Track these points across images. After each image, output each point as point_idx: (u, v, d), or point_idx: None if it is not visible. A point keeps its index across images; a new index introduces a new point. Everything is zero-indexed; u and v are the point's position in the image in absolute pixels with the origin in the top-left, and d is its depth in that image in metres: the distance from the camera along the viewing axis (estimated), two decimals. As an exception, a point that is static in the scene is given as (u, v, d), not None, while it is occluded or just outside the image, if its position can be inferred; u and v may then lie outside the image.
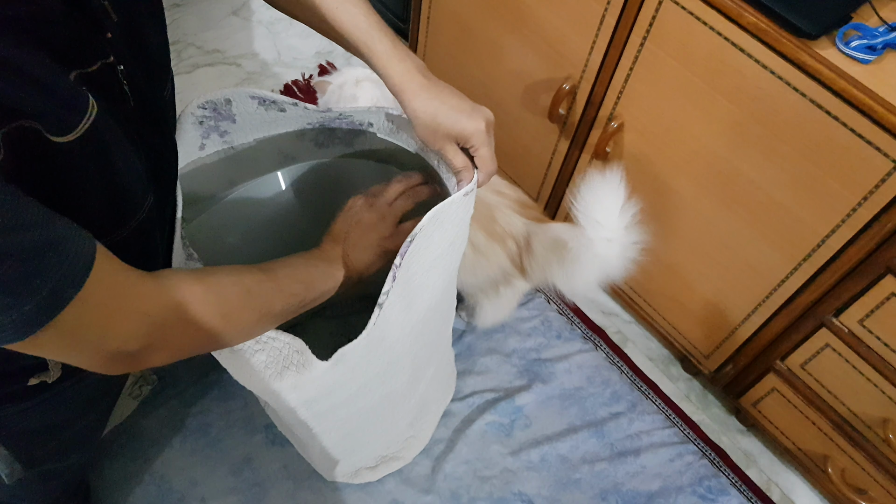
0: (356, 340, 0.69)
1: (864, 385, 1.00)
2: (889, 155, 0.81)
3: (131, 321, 0.52)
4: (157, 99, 0.68)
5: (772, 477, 1.26)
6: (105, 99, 0.53)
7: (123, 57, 0.58)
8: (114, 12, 0.56)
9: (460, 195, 0.70)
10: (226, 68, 1.70)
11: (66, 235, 0.45)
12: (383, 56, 0.70)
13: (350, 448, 0.95)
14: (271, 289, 0.66)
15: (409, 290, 0.72)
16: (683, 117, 1.01)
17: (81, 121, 0.49)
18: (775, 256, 1.00)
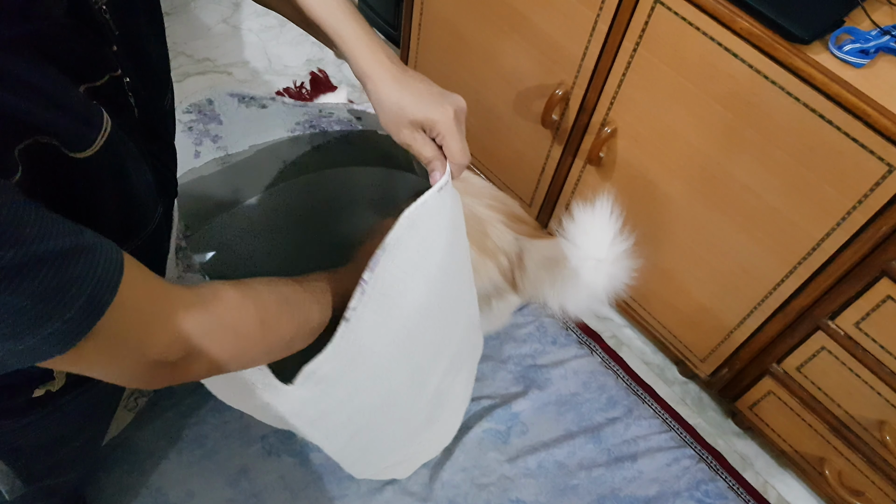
0: (320, 357, 0.66)
1: (860, 388, 1.01)
2: (883, 158, 0.81)
3: (169, 327, 0.51)
4: (159, 109, 0.68)
5: (768, 480, 1.26)
6: (114, 111, 0.53)
7: (127, 69, 0.58)
8: (115, 26, 0.56)
9: (433, 192, 0.66)
10: (217, 77, 1.70)
11: (94, 243, 0.45)
12: (351, 41, 0.67)
13: (364, 447, 0.93)
14: (308, 299, 0.65)
15: (386, 300, 0.69)
16: (677, 122, 1.01)
17: (98, 136, 0.49)
18: (770, 260, 1.00)
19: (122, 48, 0.57)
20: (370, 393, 0.80)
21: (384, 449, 1.00)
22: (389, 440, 0.99)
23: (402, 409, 0.93)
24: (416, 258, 0.70)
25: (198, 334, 0.53)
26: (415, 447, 1.06)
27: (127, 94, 0.58)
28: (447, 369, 0.98)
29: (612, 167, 1.16)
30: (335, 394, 0.75)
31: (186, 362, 0.54)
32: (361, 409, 0.82)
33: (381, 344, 0.74)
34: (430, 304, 0.80)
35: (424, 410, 0.99)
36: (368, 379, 0.77)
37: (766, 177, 0.94)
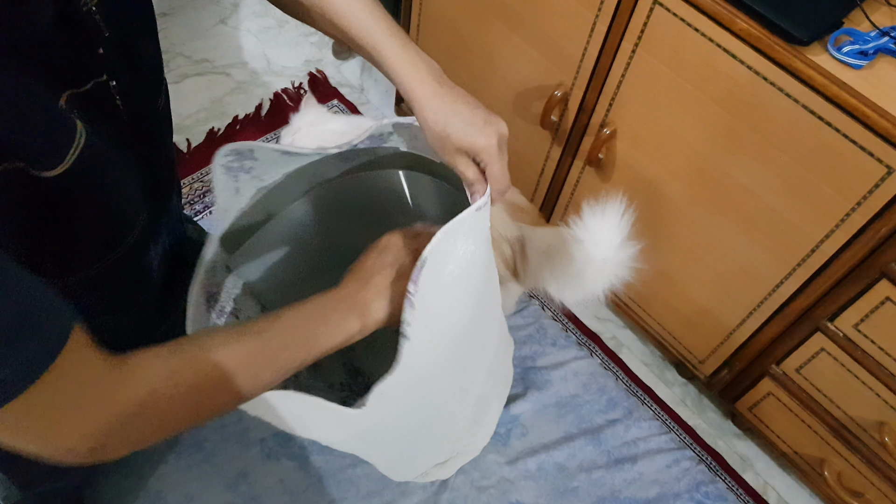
0: (389, 378, 0.65)
1: (859, 389, 1.00)
2: (882, 160, 0.81)
3: (86, 423, 0.47)
4: (151, 111, 0.67)
5: (768, 481, 1.26)
6: (98, 117, 0.53)
7: (116, 72, 0.58)
8: (106, 27, 0.56)
9: (472, 211, 0.67)
10: (215, 78, 1.69)
11: (36, 319, 0.42)
12: (392, 60, 0.67)
13: (412, 455, 0.94)
14: (261, 363, 0.60)
15: (430, 315, 0.69)
16: (676, 124, 1.01)
17: (68, 153, 0.48)
18: (769, 261, 1.00)
19: (111, 50, 0.57)
20: (423, 406, 0.80)
21: (430, 454, 1.01)
22: (436, 446, 1.00)
23: (449, 417, 0.93)
24: (456, 271, 0.70)
25: (117, 427, 0.50)
26: (459, 448, 1.07)
27: (114, 99, 0.58)
28: (488, 374, 0.99)
29: (611, 168, 1.16)
30: (393, 412, 0.74)
31: (102, 451, 0.50)
32: (414, 424, 0.82)
33: (432, 356, 0.73)
34: (472, 315, 0.80)
35: (469, 415, 1.00)
36: (422, 393, 0.77)
37: (766, 178, 0.94)
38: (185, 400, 0.54)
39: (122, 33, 0.58)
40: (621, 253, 0.89)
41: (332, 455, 1.11)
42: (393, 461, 0.91)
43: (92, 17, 0.54)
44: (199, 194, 1.45)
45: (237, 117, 1.61)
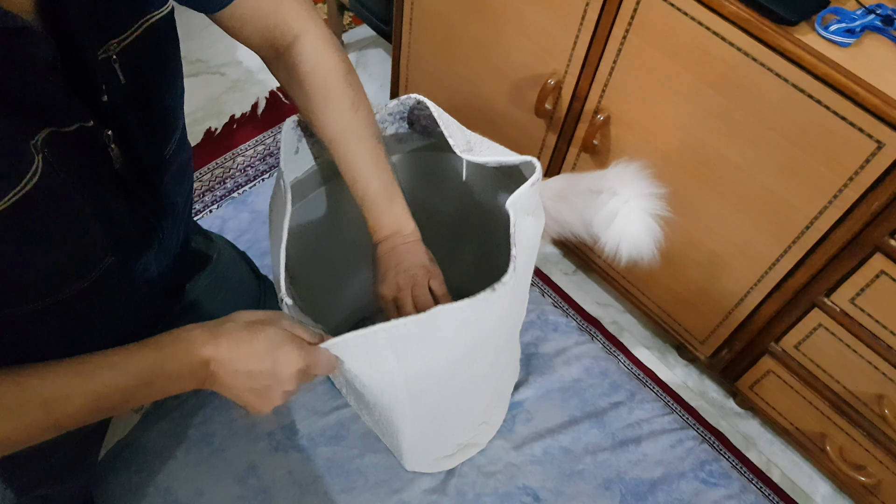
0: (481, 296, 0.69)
1: (858, 363, 1.02)
2: (872, 136, 0.82)
3: None
4: (155, 159, 0.68)
5: (771, 458, 1.28)
6: (77, 160, 0.53)
7: (119, 119, 0.58)
8: (123, 74, 0.57)
9: (527, 187, 0.74)
10: (210, 78, 1.70)
11: None
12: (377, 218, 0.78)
13: (434, 434, 0.96)
14: (36, 404, 0.54)
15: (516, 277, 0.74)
16: (669, 108, 1.02)
17: (7, 194, 0.48)
18: (765, 240, 1.01)
19: (122, 97, 0.57)
20: (462, 375, 0.83)
21: (449, 436, 1.03)
22: (456, 427, 1.03)
23: (475, 394, 0.96)
24: (529, 238, 0.77)
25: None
26: (468, 440, 1.09)
27: (104, 144, 0.58)
28: (508, 361, 1.03)
29: (606, 154, 1.17)
30: (442, 366, 0.77)
31: None
32: (451, 392, 0.86)
33: (492, 318, 0.76)
34: (523, 285, 0.85)
35: (487, 400, 1.03)
36: (466, 356, 0.79)
37: (759, 158, 0.95)
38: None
39: (140, 81, 0.59)
40: (642, 198, 0.91)
41: (339, 446, 1.12)
42: (418, 439, 0.93)
43: (110, 64, 0.55)
44: (198, 194, 1.46)
45: (234, 116, 1.61)
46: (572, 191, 0.95)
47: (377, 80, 1.73)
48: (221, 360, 0.60)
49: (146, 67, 0.60)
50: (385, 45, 1.82)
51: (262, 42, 0.73)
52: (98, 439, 0.95)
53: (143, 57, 0.59)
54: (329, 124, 0.74)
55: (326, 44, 0.73)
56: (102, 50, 0.55)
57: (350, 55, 1.79)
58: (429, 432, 0.93)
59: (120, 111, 0.58)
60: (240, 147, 1.56)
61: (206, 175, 1.50)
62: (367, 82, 1.73)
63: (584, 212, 0.93)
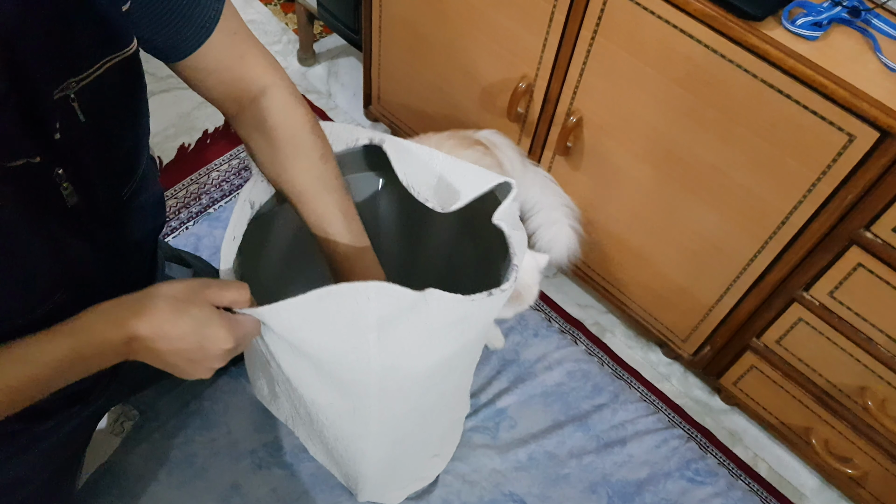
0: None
1: (839, 356, 1.02)
2: (843, 128, 0.82)
3: None
4: (113, 199, 0.67)
5: (758, 453, 1.27)
6: (23, 195, 0.53)
7: (74, 158, 0.57)
8: (83, 113, 0.56)
9: (509, 202, 0.75)
10: (181, 93, 1.68)
11: None
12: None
13: (393, 459, 0.94)
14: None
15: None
16: (640, 107, 1.01)
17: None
18: (741, 237, 1.01)
19: (80, 136, 0.56)
20: (433, 390, 0.82)
21: (407, 462, 1.01)
22: (415, 454, 1.00)
23: (439, 416, 0.94)
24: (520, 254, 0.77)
25: None
26: (423, 469, 1.07)
27: (57, 184, 0.57)
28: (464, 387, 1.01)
29: (580, 156, 1.16)
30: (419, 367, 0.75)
31: None
32: (418, 409, 0.84)
33: (477, 326, 0.75)
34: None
35: (445, 425, 1.02)
36: (444, 365, 0.78)
37: (732, 155, 0.95)
38: None
39: (101, 120, 0.58)
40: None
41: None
42: (379, 461, 0.90)
43: (68, 102, 0.54)
44: (173, 211, 1.44)
45: (207, 131, 1.59)
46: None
47: (349, 90, 1.72)
48: (144, 338, 0.58)
49: (108, 107, 0.59)
50: (357, 53, 1.81)
51: (226, 95, 0.70)
52: (74, 469, 0.93)
53: (105, 97, 0.58)
54: (298, 176, 0.72)
55: (293, 97, 0.72)
56: (60, 88, 0.54)
57: (321, 64, 1.78)
58: (389, 456, 0.91)
59: (75, 150, 0.57)
60: (214, 162, 1.54)
61: (181, 192, 1.48)
62: (340, 92, 1.72)
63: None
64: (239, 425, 1.11)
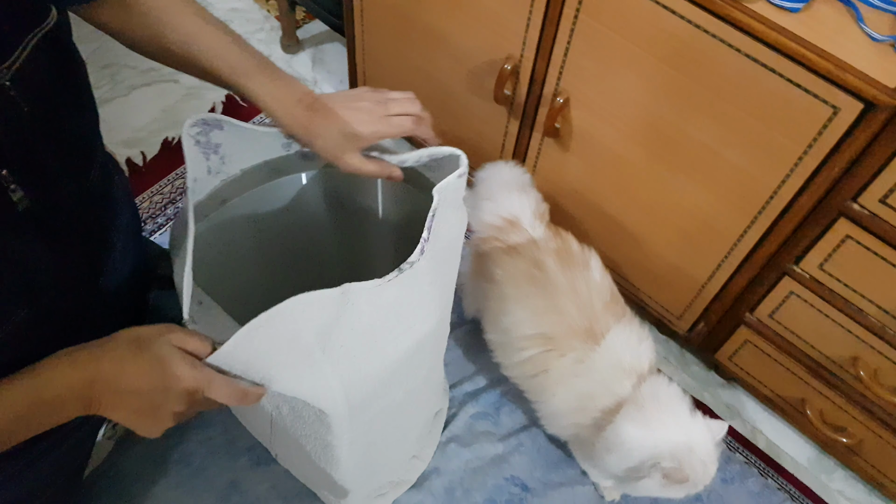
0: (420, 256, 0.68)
1: (831, 327, 1.02)
2: (827, 101, 0.81)
3: None
4: (77, 193, 0.63)
5: (756, 426, 1.28)
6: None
7: (23, 154, 0.54)
8: (24, 102, 0.53)
9: (454, 177, 0.72)
10: (164, 86, 1.66)
11: None
12: (265, 98, 0.70)
13: (368, 466, 0.93)
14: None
15: (433, 268, 0.72)
16: (626, 86, 1.00)
17: None
18: (731, 213, 1.01)
19: (27, 129, 0.53)
20: (398, 387, 0.81)
21: (385, 466, 1.01)
22: (392, 457, 1.00)
23: (409, 416, 0.94)
24: (446, 240, 0.74)
25: None
26: (402, 472, 1.07)
27: (3, 187, 0.54)
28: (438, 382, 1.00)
29: (569, 137, 1.15)
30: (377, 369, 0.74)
31: None
32: (386, 408, 0.83)
33: (423, 313, 0.75)
34: (445, 309, 0.81)
35: (420, 425, 1.01)
36: (402, 361, 0.77)
37: (720, 132, 0.94)
38: None
39: (45, 108, 0.55)
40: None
41: (322, 453, 1.11)
42: (348, 474, 0.90)
43: (5, 93, 0.51)
44: (159, 207, 1.43)
45: (191, 125, 1.58)
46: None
47: (336, 76, 1.70)
48: (106, 379, 0.56)
49: (48, 90, 0.56)
50: (342, 39, 1.79)
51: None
52: (72, 489, 0.91)
53: (42, 79, 0.55)
54: (177, 19, 0.67)
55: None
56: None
57: (306, 51, 1.76)
58: (365, 460, 0.90)
59: (24, 145, 0.54)
60: (199, 156, 1.52)
61: (167, 187, 1.46)
62: (327, 79, 1.70)
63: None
64: (235, 423, 1.11)
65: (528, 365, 0.98)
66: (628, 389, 0.92)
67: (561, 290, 0.95)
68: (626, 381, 0.92)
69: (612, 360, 0.93)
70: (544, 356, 0.96)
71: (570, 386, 0.94)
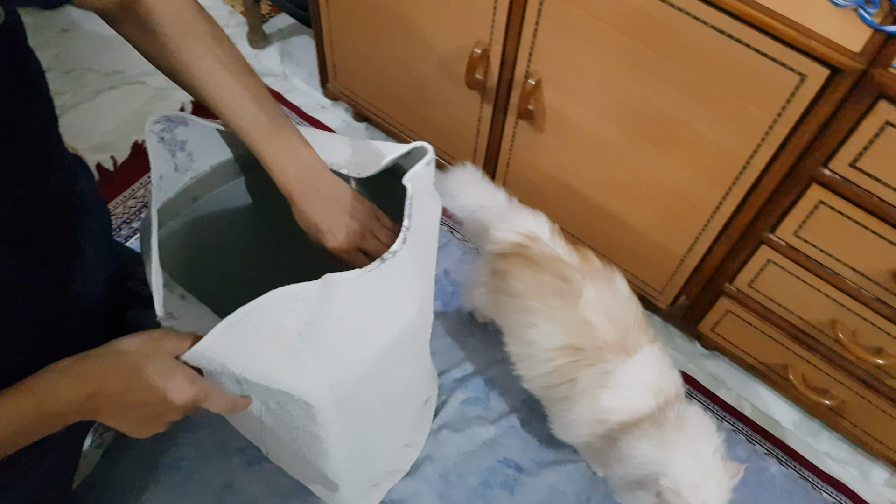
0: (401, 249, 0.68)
1: (809, 292, 1.04)
2: (794, 68, 0.82)
3: None
4: (36, 198, 0.62)
5: (741, 394, 1.30)
6: None
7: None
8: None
9: (422, 166, 0.73)
10: (130, 88, 1.63)
11: None
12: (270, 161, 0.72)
13: (359, 457, 0.93)
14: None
15: (414, 255, 0.72)
16: (597, 65, 1.00)
17: None
18: (706, 186, 1.02)
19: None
20: (384, 377, 0.81)
21: (377, 457, 1.01)
22: (384, 447, 1.00)
23: (399, 405, 0.94)
24: (427, 219, 0.75)
25: None
26: (395, 461, 1.07)
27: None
28: (427, 371, 0.99)
29: (543, 119, 1.15)
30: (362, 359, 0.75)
31: None
32: (375, 399, 0.83)
33: (405, 301, 0.75)
34: (426, 298, 0.81)
35: (411, 413, 1.01)
36: (387, 353, 0.77)
37: (691, 105, 0.95)
38: None
39: (3, 114, 0.55)
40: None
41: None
42: (340, 468, 0.90)
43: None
44: (133, 211, 1.41)
45: (160, 126, 1.55)
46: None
47: (306, 69, 1.68)
48: (109, 395, 0.58)
49: (4, 93, 0.55)
50: (310, 31, 1.77)
51: (112, 2, 0.66)
52: (69, 487, 0.91)
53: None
54: (194, 63, 0.68)
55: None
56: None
57: (274, 46, 1.74)
58: (356, 451, 0.90)
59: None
60: (171, 157, 1.50)
61: (140, 190, 1.44)
62: (296, 72, 1.68)
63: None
64: (225, 424, 1.10)
65: (554, 375, 0.97)
66: (650, 409, 0.92)
67: (591, 303, 0.94)
68: (651, 401, 0.92)
69: (641, 377, 0.93)
70: (572, 366, 0.95)
71: (594, 397, 0.94)
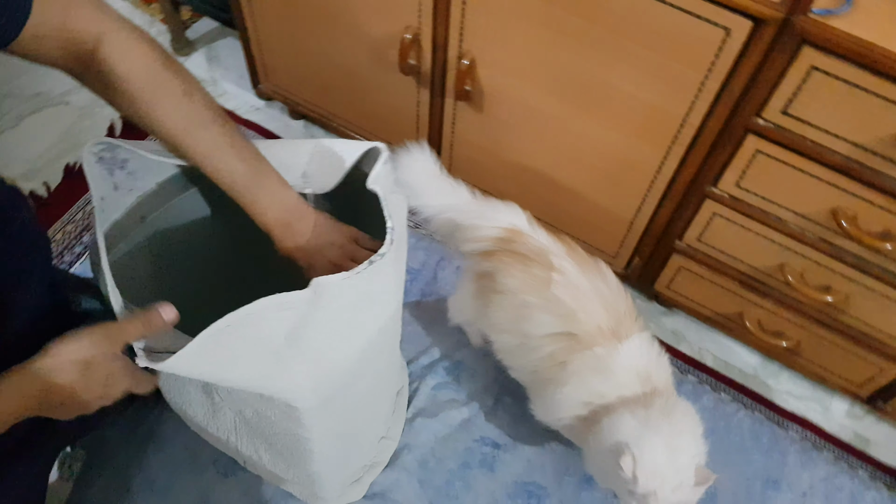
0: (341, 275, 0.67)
1: (755, 240, 1.07)
2: (718, 23, 0.84)
3: None
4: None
5: (701, 345, 1.34)
6: None
7: None
8: None
9: (381, 166, 0.74)
10: (54, 110, 1.57)
11: None
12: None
13: (340, 454, 0.93)
14: None
15: (395, 254, 0.72)
16: (528, 39, 1.01)
17: None
18: (647, 148, 1.04)
19: None
20: (364, 376, 0.81)
21: (356, 452, 1.00)
22: (363, 441, 1.00)
23: (376, 400, 0.94)
24: (399, 216, 0.76)
25: None
26: (374, 454, 1.07)
27: None
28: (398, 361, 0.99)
29: (481, 98, 1.15)
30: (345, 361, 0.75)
31: None
32: (355, 396, 0.83)
33: (387, 298, 0.75)
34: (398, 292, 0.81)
35: (387, 404, 1.01)
36: (367, 346, 0.77)
37: (623, 70, 0.96)
38: None
39: None
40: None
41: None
42: (322, 467, 0.89)
43: None
44: (74, 236, 1.36)
45: (91, 145, 1.50)
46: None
47: (235, 72, 1.64)
48: (52, 403, 0.61)
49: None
50: (234, 32, 1.72)
51: (65, 57, 0.64)
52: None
53: None
54: (165, 120, 0.67)
55: (133, 37, 0.66)
56: None
57: (199, 51, 1.69)
58: (337, 449, 0.90)
59: None
60: (107, 176, 1.45)
61: (78, 213, 1.39)
62: (225, 76, 1.64)
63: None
64: (194, 438, 1.08)
65: (546, 360, 0.98)
66: (636, 393, 0.93)
67: (584, 291, 0.95)
68: (637, 387, 0.93)
69: (630, 363, 0.94)
70: (565, 350, 0.96)
71: (583, 379, 0.95)
